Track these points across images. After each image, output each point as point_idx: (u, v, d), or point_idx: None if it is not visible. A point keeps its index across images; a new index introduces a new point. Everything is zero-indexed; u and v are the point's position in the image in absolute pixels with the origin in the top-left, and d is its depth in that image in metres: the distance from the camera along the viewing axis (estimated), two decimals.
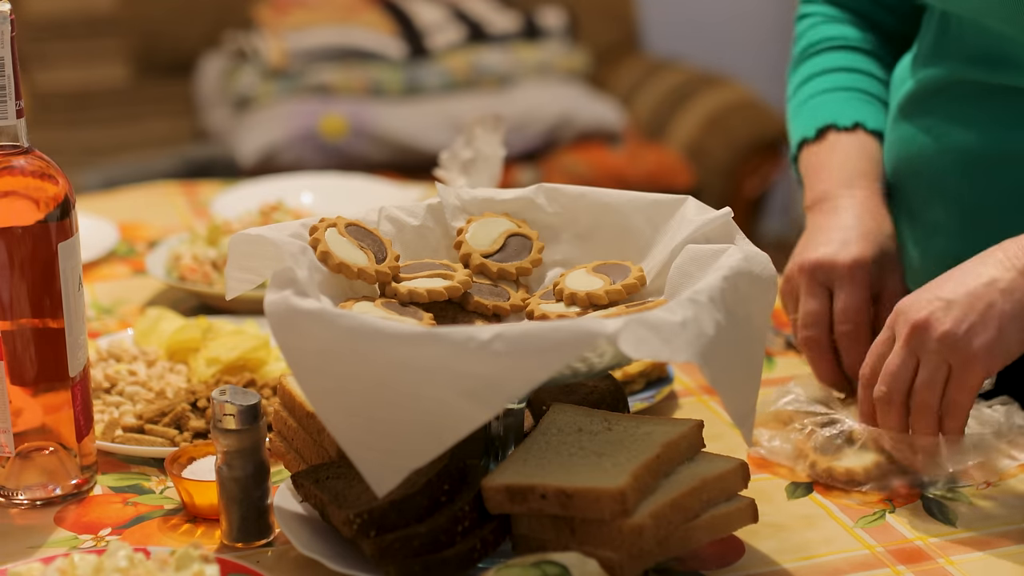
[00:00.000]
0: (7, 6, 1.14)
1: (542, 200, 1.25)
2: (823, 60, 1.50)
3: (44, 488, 1.22)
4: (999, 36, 1.30)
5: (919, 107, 1.38)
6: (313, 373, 1.03)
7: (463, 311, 1.19)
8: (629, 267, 1.19)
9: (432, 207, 1.26)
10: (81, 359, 1.22)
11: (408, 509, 1.06)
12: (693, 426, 1.11)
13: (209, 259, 1.70)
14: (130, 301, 1.70)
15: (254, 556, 1.13)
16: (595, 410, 1.16)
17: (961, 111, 1.34)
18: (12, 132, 1.17)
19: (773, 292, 1.12)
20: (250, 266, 1.17)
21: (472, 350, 0.97)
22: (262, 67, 3.74)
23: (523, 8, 4.04)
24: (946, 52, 1.36)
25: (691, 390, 1.43)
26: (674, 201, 1.20)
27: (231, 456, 1.12)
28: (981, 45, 1.32)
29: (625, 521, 1.02)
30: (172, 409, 1.32)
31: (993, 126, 1.32)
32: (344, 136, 3.61)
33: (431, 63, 3.82)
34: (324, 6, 3.89)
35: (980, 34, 1.32)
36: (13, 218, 1.17)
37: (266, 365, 1.43)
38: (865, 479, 1.22)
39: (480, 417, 0.99)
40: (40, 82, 3.81)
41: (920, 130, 1.38)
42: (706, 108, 3.81)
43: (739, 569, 1.11)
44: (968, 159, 1.34)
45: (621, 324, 0.97)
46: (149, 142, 3.85)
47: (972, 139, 1.33)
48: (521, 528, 1.07)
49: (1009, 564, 1.12)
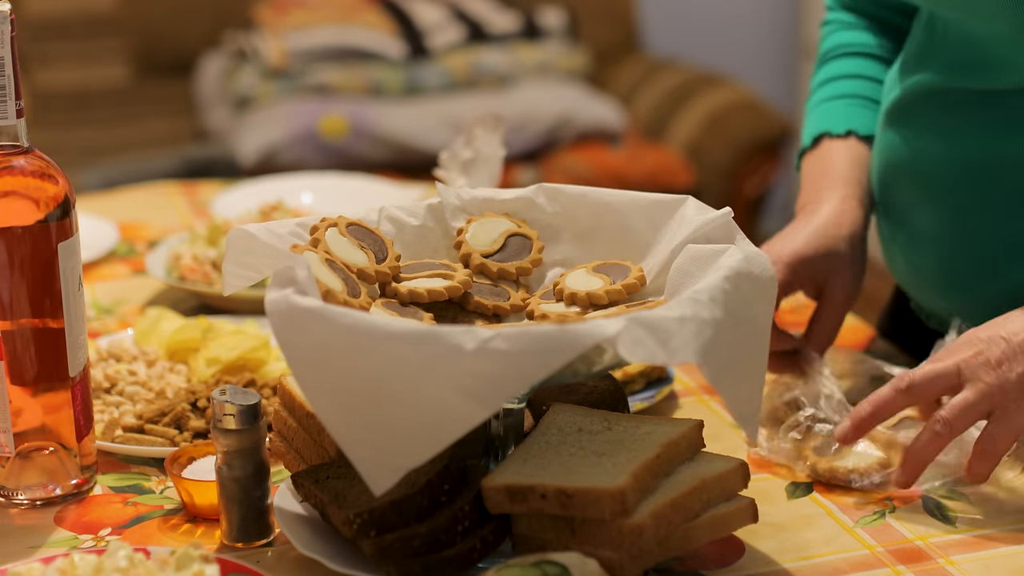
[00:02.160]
0: (7, 6, 1.14)
1: (542, 200, 1.25)
2: (832, 68, 1.53)
3: (44, 488, 1.22)
4: (983, 38, 1.30)
5: (903, 115, 1.39)
6: (312, 371, 1.03)
7: (463, 311, 1.19)
8: (629, 267, 1.19)
9: (432, 207, 1.26)
10: (81, 359, 1.22)
11: (408, 509, 1.06)
12: (693, 426, 1.11)
13: (209, 259, 1.70)
14: (130, 301, 1.70)
15: (254, 556, 1.13)
16: (595, 410, 1.16)
17: (944, 119, 1.34)
18: (12, 132, 1.17)
19: (774, 292, 1.12)
20: (248, 263, 1.17)
21: (471, 348, 0.97)
22: (262, 67, 3.74)
23: (523, 8, 4.04)
24: (930, 59, 1.36)
25: (691, 390, 1.43)
26: (674, 201, 1.20)
27: (231, 456, 1.12)
28: (964, 50, 1.32)
29: (625, 521, 1.02)
30: (172, 409, 1.32)
31: (976, 134, 1.32)
32: (344, 136, 3.61)
33: (431, 63, 3.82)
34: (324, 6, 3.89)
35: (964, 38, 1.32)
36: (13, 218, 1.17)
37: (266, 365, 1.43)
38: (865, 478, 1.22)
39: (479, 416, 0.98)
40: (40, 82, 3.81)
41: (904, 139, 1.38)
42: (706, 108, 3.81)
43: (739, 569, 1.11)
44: (951, 167, 1.34)
45: (621, 325, 0.97)
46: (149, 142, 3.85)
47: (955, 148, 1.34)
48: (521, 528, 1.07)
49: (1009, 564, 1.12)
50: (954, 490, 1.22)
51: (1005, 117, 1.30)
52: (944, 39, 1.34)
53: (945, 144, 1.34)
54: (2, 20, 1.14)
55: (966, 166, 1.33)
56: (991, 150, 1.31)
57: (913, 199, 1.39)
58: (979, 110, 1.31)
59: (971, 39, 1.31)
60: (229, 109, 3.80)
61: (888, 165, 1.41)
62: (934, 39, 1.36)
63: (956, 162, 1.33)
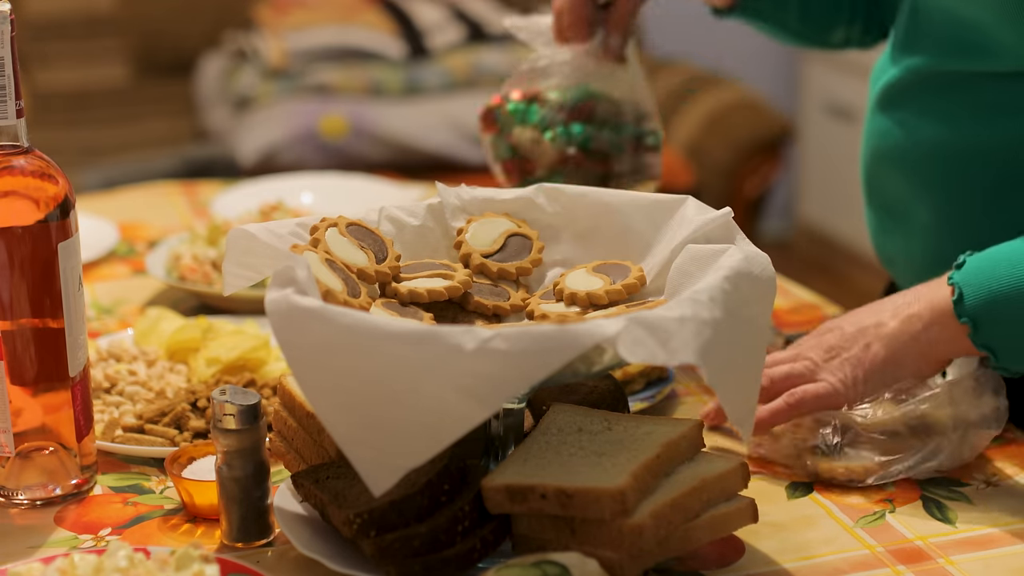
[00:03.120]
0: (7, 6, 1.14)
1: (542, 200, 1.25)
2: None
3: (44, 488, 1.22)
4: (970, 22, 1.30)
5: (896, 98, 1.39)
6: (312, 370, 1.03)
7: (463, 311, 1.19)
8: (629, 267, 1.19)
9: (432, 207, 1.26)
10: (81, 359, 1.22)
11: (408, 509, 1.06)
12: (693, 426, 1.11)
13: (209, 259, 1.70)
14: (130, 301, 1.70)
15: (254, 556, 1.13)
16: (595, 410, 1.16)
17: (934, 103, 1.35)
18: (12, 132, 1.17)
19: (773, 293, 1.12)
20: (248, 263, 1.17)
21: (471, 348, 0.97)
22: (262, 67, 3.74)
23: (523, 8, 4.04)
24: (917, 44, 1.36)
25: (691, 390, 1.43)
26: (674, 201, 1.20)
27: (231, 456, 1.12)
28: (951, 34, 1.32)
29: (625, 521, 1.02)
30: (172, 409, 1.32)
31: (966, 119, 1.32)
32: (344, 136, 3.61)
33: (431, 63, 3.82)
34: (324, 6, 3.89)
35: (949, 22, 1.32)
36: (13, 218, 1.17)
37: (266, 365, 1.43)
38: (865, 477, 1.22)
39: (478, 416, 0.98)
40: (40, 82, 3.81)
41: (895, 123, 1.38)
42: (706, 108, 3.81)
43: (739, 569, 1.11)
44: (942, 152, 1.34)
45: (621, 325, 0.97)
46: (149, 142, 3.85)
47: (946, 132, 1.34)
48: (521, 528, 1.07)
49: (1009, 564, 1.12)
50: (954, 490, 1.22)
51: (998, 99, 1.30)
52: (930, 23, 1.35)
53: (938, 127, 1.34)
54: (2, 20, 1.14)
55: (958, 149, 1.33)
56: (984, 133, 1.31)
57: (904, 185, 1.39)
58: (967, 93, 1.32)
59: (958, 23, 1.31)
60: (229, 109, 3.80)
61: (878, 152, 1.41)
62: (919, 25, 1.36)
63: (945, 147, 1.34)
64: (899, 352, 1.24)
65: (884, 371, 1.24)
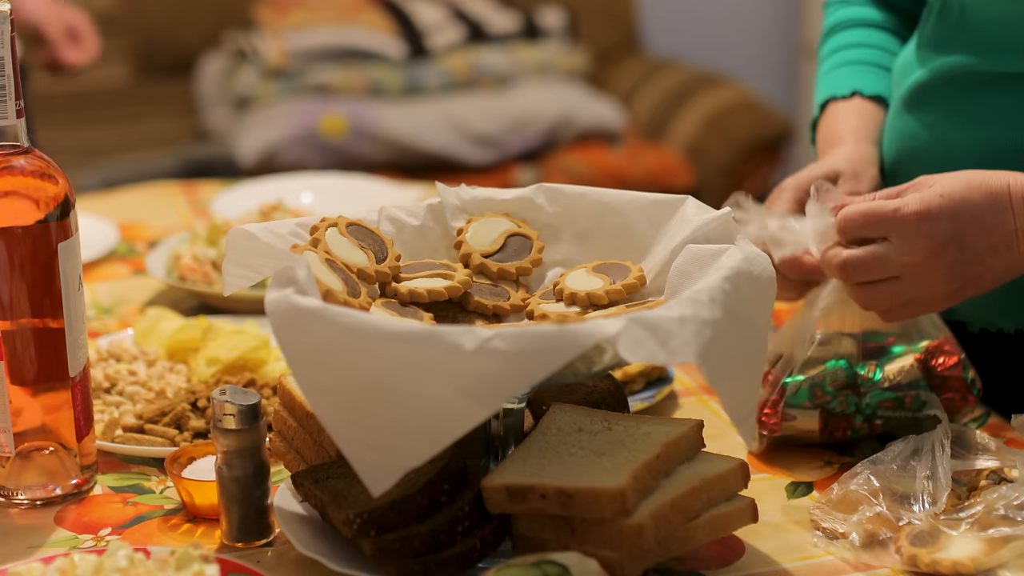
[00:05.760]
0: (7, 6, 1.14)
1: (542, 200, 1.25)
2: (836, 40, 1.54)
3: (44, 488, 1.22)
4: (1005, 20, 1.29)
5: (925, 99, 1.38)
6: (312, 370, 1.03)
7: (463, 311, 1.19)
8: (629, 267, 1.19)
9: (432, 207, 1.26)
10: (81, 359, 1.22)
11: (408, 509, 1.06)
12: (693, 426, 1.11)
13: (209, 259, 1.70)
14: (130, 301, 1.70)
15: (254, 556, 1.13)
16: (595, 410, 1.16)
17: (965, 104, 1.34)
18: (12, 132, 1.17)
19: (773, 292, 1.12)
20: (248, 263, 1.17)
21: (471, 348, 0.97)
22: (262, 67, 3.74)
23: (523, 8, 4.04)
24: (953, 42, 1.36)
25: (691, 390, 1.43)
26: (674, 201, 1.20)
27: (231, 456, 1.12)
28: (984, 33, 1.32)
29: (625, 521, 1.02)
30: (172, 409, 1.32)
31: (997, 120, 1.32)
32: (344, 136, 3.61)
33: (431, 63, 3.82)
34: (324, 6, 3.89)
35: (983, 22, 1.32)
36: (13, 218, 1.17)
37: (266, 365, 1.43)
38: (975, 569, 1.09)
39: (478, 416, 0.98)
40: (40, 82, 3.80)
41: (924, 124, 1.38)
42: (706, 108, 3.82)
43: (739, 569, 1.11)
44: (972, 154, 1.33)
45: (621, 325, 0.97)
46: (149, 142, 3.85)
47: (976, 133, 1.33)
48: (521, 528, 1.07)
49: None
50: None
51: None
52: (961, 23, 1.34)
53: (964, 131, 1.34)
54: (2, 20, 1.14)
55: (993, 151, 1.32)
56: (1010, 138, 1.30)
57: None
58: (999, 94, 1.31)
59: (991, 21, 1.30)
60: (229, 109, 3.80)
61: (904, 152, 1.40)
62: (949, 25, 1.36)
63: (975, 149, 1.33)
64: (1009, 277, 1.21)
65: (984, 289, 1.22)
